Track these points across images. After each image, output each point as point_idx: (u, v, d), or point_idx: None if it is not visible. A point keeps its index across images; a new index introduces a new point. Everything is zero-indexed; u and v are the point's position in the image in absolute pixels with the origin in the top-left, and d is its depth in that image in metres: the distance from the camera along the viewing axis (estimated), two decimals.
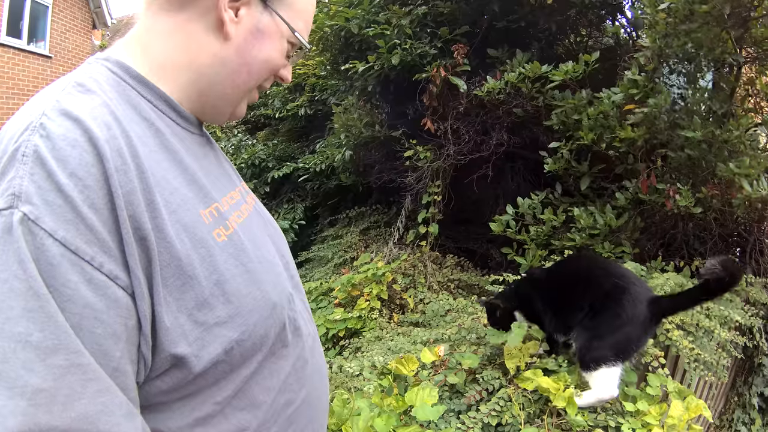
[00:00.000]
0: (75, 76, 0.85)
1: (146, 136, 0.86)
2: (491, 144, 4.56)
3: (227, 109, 1.05)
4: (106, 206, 0.73)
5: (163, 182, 0.83)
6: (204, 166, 0.99)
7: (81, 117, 0.75)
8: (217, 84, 0.99)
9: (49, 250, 0.68)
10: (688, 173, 3.74)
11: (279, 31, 1.00)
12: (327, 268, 5.67)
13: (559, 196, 4.27)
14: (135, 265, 0.75)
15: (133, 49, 0.95)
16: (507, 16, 4.69)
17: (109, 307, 0.72)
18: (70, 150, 0.72)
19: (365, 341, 3.73)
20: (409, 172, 4.94)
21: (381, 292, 4.35)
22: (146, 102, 0.90)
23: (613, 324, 2.06)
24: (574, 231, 3.82)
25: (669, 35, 3.49)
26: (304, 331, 1.10)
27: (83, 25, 12.41)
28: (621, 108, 3.74)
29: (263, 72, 1.03)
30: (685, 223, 3.87)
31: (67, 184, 0.70)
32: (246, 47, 0.97)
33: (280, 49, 1.02)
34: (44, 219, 0.68)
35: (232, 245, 0.92)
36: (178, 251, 0.81)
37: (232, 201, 1.02)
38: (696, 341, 2.84)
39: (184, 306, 0.81)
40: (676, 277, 3.35)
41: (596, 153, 3.97)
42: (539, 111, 4.43)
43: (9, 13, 9.85)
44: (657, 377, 2.11)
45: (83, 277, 0.70)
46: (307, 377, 1.08)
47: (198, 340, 0.83)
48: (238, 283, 0.90)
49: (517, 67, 4.25)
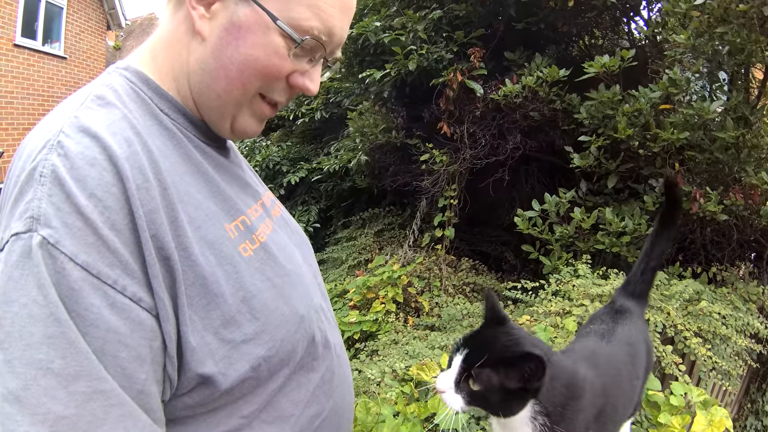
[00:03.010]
0: (94, 88, 0.83)
1: (168, 149, 0.83)
2: (507, 148, 4.54)
3: (221, 122, 0.93)
4: (128, 226, 0.71)
5: (186, 197, 0.81)
6: (227, 178, 0.95)
7: (100, 133, 0.73)
8: (202, 93, 0.89)
9: (70, 275, 0.66)
10: (712, 177, 3.70)
11: (261, 23, 0.83)
12: (341, 270, 5.67)
13: (584, 195, 4.21)
14: (159, 286, 0.73)
15: (146, 57, 0.91)
16: (525, 19, 4.67)
17: (133, 330, 0.70)
18: (88, 169, 0.69)
19: (381, 344, 3.72)
20: (425, 175, 4.93)
21: (396, 295, 4.35)
22: (163, 113, 0.87)
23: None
24: (603, 234, 3.76)
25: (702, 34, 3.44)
26: (332, 341, 1.07)
27: (98, 26, 12.46)
28: (656, 107, 3.69)
29: (248, 76, 0.86)
30: (704, 228, 3.85)
31: (86, 205, 0.68)
32: (221, 47, 0.85)
33: (267, 46, 0.85)
34: (64, 242, 0.66)
35: (258, 260, 0.89)
36: (203, 269, 0.79)
37: (256, 213, 0.98)
38: (713, 349, 2.83)
39: (210, 324, 0.79)
40: (695, 284, 3.33)
41: (625, 152, 3.92)
42: (556, 114, 4.41)
43: (24, 15, 9.87)
44: (681, 386, 2.09)
45: (106, 301, 0.68)
46: (335, 388, 1.06)
47: (225, 358, 0.81)
48: (265, 299, 0.87)
49: (535, 71, 4.23)
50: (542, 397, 1.10)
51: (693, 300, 3.13)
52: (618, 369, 1.36)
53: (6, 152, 9.31)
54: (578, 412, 1.14)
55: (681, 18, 3.77)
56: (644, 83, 3.94)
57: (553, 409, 1.11)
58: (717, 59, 3.72)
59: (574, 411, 1.14)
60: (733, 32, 3.35)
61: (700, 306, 2.96)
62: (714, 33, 3.44)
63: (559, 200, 4.03)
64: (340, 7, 0.88)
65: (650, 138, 3.65)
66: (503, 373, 1.06)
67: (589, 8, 4.72)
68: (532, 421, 1.12)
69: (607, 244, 3.68)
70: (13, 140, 9.52)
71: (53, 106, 0.86)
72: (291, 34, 0.84)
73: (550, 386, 1.11)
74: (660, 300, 2.99)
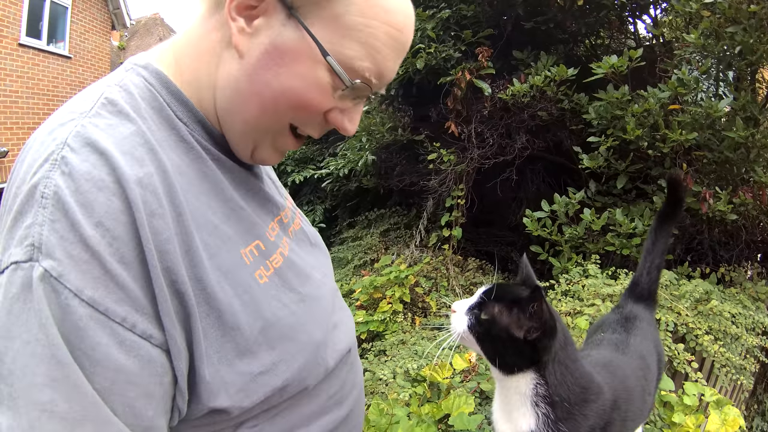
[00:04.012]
0: (107, 89, 0.75)
1: (185, 164, 0.76)
2: (515, 147, 4.53)
3: (241, 146, 0.84)
4: (137, 258, 0.65)
5: (202, 221, 0.75)
6: (246, 194, 0.88)
7: (109, 151, 0.66)
8: (228, 113, 0.81)
9: (75, 312, 0.61)
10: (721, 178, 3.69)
11: (308, 53, 0.75)
12: (347, 270, 5.65)
13: (593, 196, 4.19)
14: (170, 321, 0.68)
15: (168, 59, 0.84)
16: (534, 18, 4.66)
17: (142, 368, 0.66)
18: (96, 193, 0.64)
19: (388, 344, 3.71)
20: (432, 175, 4.92)
21: (403, 295, 4.32)
22: (182, 122, 0.79)
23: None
24: (613, 236, 3.74)
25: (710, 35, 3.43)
26: (347, 349, 1.03)
27: (102, 26, 12.48)
28: (665, 107, 3.68)
29: (283, 107, 0.78)
30: (712, 229, 3.84)
31: (93, 236, 0.62)
32: (257, 70, 0.76)
33: (310, 79, 0.76)
34: (68, 276, 0.61)
35: (275, 286, 0.84)
36: (219, 302, 0.74)
37: (274, 233, 0.91)
38: (725, 346, 2.82)
39: (225, 357, 0.75)
40: (704, 283, 3.32)
41: (634, 153, 3.90)
42: (564, 114, 4.40)
43: (29, 14, 9.88)
44: (694, 386, 2.08)
45: (114, 339, 0.63)
46: (346, 394, 1.03)
47: (240, 391, 0.76)
48: (283, 327, 0.83)
49: (543, 70, 4.22)
50: (549, 379, 1.09)
51: (702, 300, 3.12)
52: (631, 384, 1.34)
53: (11, 151, 9.33)
54: (586, 418, 1.12)
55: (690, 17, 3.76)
56: (652, 83, 3.93)
57: (560, 402, 1.10)
58: (727, 60, 3.71)
59: (583, 415, 1.12)
60: (744, 33, 3.34)
61: (710, 305, 2.94)
62: (725, 33, 3.44)
63: (568, 201, 4.01)
64: (395, 48, 0.80)
65: (659, 138, 3.63)
66: (514, 314, 1.07)
67: (597, 7, 4.71)
68: (534, 407, 1.10)
69: (617, 246, 3.66)
70: (17, 139, 9.53)
71: (58, 105, 0.81)
72: (341, 75, 0.76)
73: (561, 375, 1.10)
74: (670, 300, 2.98)
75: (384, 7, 0.76)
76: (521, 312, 1.06)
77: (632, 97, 3.80)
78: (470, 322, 1.10)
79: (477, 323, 1.09)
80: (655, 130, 3.64)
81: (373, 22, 0.75)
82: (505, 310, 1.07)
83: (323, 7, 0.74)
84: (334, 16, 0.74)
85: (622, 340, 1.55)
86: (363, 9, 0.75)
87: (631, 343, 1.53)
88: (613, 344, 1.54)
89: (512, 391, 1.12)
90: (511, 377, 1.10)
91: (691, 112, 3.48)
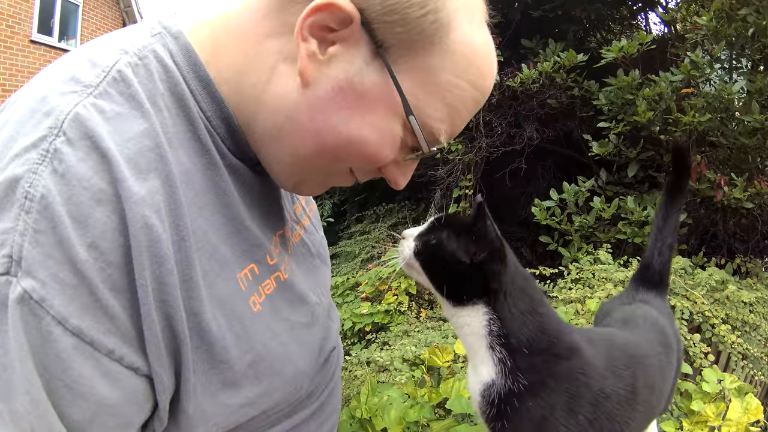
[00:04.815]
0: (122, 57, 0.63)
1: (194, 171, 0.65)
2: (525, 136, 4.44)
3: (286, 178, 0.74)
4: (128, 287, 0.56)
5: (203, 242, 0.65)
6: (253, 203, 0.76)
7: (111, 153, 0.55)
8: (274, 139, 0.67)
9: (58, 341, 0.52)
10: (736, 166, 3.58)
11: (390, 104, 0.64)
12: (354, 264, 5.61)
13: (604, 185, 4.09)
14: (158, 357, 0.60)
15: (204, 41, 0.70)
16: (542, 6, 4.57)
17: (127, 399, 0.59)
18: (93, 207, 0.53)
19: (392, 335, 3.63)
20: (440, 165, 4.83)
21: (409, 286, 4.24)
22: (203, 117, 0.67)
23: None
24: (625, 224, 3.64)
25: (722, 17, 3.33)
26: (334, 360, 0.98)
27: (113, 23, 12.57)
28: (677, 91, 3.58)
29: (345, 155, 0.68)
30: (727, 220, 3.72)
31: (85, 260, 0.52)
32: (323, 107, 0.64)
33: (385, 133, 0.66)
34: (52, 302, 0.51)
35: (268, 314, 0.75)
36: (212, 335, 0.65)
37: (276, 251, 0.81)
38: (743, 336, 2.71)
39: (209, 389, 0.67)
40: (720, 272, 3.20)
41: (645, 139, 3.80)
42: (574, 102, 4.31)
43: (40, 11, 10.03)
44: (713, 372, 1.96)
45: (99, 371, 0.56)
46: (320, 389, 0.97)
47: (217, 424, 0.70)
48: (271, 360, 0.75)
49: (552, 56, 4.12)
50: (503, 314, 0.96)
51: (718, 288, 3.01)
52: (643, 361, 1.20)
53: None
54: (555, 381, 0.95)
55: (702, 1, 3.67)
56: (664, 69, 3.82)
57: (517, 346, 0.96)
58: (740, 43, 3.60)
59: (550, 373, 0.95)
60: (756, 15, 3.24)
61: (727, 292, 2.83)
62: (737, 15, 3.34)
63: (578, 189, 3.90)
64: (473, 110, 0.71)
65: (671, 122, 3.52)
66: (462, 239, 0.97)
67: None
68: (490, 350, 0.97)
69: (628, 234, 3.56)
70: None
71: None
72: (420, 139, 0.66)
73: (517, 311, 0.97)
74: (685, 288, 2.87)
75: (479, 69, 0.67)
76: (468, 236, 0.97)
77: (643, 82, 3.70)
78: (417, 248, 1.00)
79: (424, 247, 1.00)
80: (667, 114, 3.53)
81: (464, 84, 0.66)
82: (453, 235, 0.98)
83: (418, 54, 0.63)
84: (426, 68, 0.64)
85: (630, 319, 1.42)
86: (459, 67, 0.65)
87: (641, 324, 1.40)
88: (621, 322, 1.42)
89: (467, 330, 1.00)
90: (462, 310, 0.99)
91: (704, 95, 3.37)
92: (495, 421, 0.99)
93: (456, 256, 0.96)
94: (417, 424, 1.60)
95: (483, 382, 0.99)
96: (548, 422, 0.95)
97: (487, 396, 0.98)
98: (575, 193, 3.88)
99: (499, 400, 0.97)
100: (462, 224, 0.99)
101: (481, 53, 0.67)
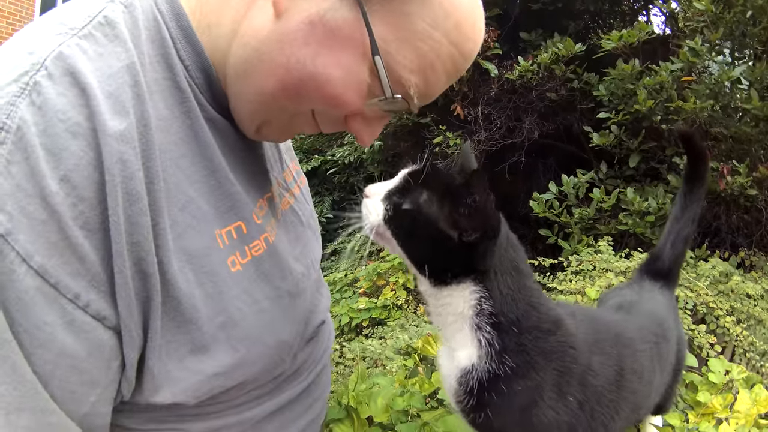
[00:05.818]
0: (109, 4, 0.62)
1: (172, 117, 0.64)
2: (524, 129, 4.38)
3: (247, 118, 0.73)
4: (101, 226, 0.53)
5: (175, 191, 0.62)
6: (237, 161, 0.74)
7: (91, 87, 0.53)
8: (241, 74, 0.68)
9: (20, 281, 0.49)
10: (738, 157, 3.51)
11: (358, 43, 0.63)
12: (351, 260, 5.56)
13: (604, 178, 4.03)
14: (128, 304, 0.56)
15: None
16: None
17: (90, 353, 0.55)
18: (68, 139, 0.51)
19: (389, 330, 3.59)
20: (439, 159, 4.77)
21: (407, 281, 4.22)
22: (183, 67, 0.66)
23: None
24: (626, 215, 3.57)
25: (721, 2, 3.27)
26: (324, 337, 0.96)
27: None
28: (678, 80, 3.52)
29: (307, 92, 0.66)
30: (730, 213, 3.65)
31: (56, 192, 0.50)
32: (293, 40, 0.63)
33: (350, 74, 0.64)
34: (17, 236, 0.49)
35: (248, 277, 0.72)
36: (179, 290, 0.62)
37: (261, 212, 0.78)
38: (748, 329, 2.64)
39: (176, 351, 0.63)
40: (723, 264, 3.14)
41: (647, 130, 3.74)
42: (574, 94, 4.26)
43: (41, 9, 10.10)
44: (720, 362, 1.89)
45: (62, 319, 0.52)
46: (309, 367, 0.93)
47: (186, 391, 0.65)
48: (249, 327, 0.71)
49: (551, 47, 4.06)
50: (494, 292, 0.83)
51: (722, 280, 2.94)
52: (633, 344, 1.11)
53: None
54: (544, 357, 0.86)
55: None
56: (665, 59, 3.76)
57: (507, 326, 0.84)
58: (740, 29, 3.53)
59: (538, 350, 0.86)
60: None
61: (731, 284, 2.76)
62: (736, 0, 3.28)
63: (577, 181, 3.85)
64: (450, 73, 0.70)
65: (672, 111, 3.45)
66: (446, 206, 0.81)
67: None
68: (476, 332, 0.84)
69: (630, 225, 3.49)
70: None
71: None
72: (384, 82, 0.64)
73: (507, 288, 0.84)
74: (688, 279, 2.80)
75: (459, 25, 0.65)
76: (456, 204, 0.81)
77: (643, 71, 3.65)
78: (387, 213, 0.83)
79: (395, 214, 0.82)
80: (668, 103, 3.47)
81: (438, 36, 0.64)
82: (435, 199, 0.82)
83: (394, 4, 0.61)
84: (401, 12, 0.62)
85: (631, 303, 1.33)
86: (436, 18, 0.63)
87: (639, 309, 1.31)
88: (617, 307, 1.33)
89: (448, 311, 0.87)
90: (444, 290, 0.85)
91: (705, 81, 3.31)
92: (475, 412, 0.87)
93: (440, 229, 0.81)
94: (406, 414, 1.53)
95: (461, 368, 0.88)
96: (537, 407, 0.85)
97: (465, 383, 0.87)
98: (575, 185, 3.82)
99: (480, 388, 0.85)
100: (445, 184, 0.83)
101: (462, 9, 0.65)
